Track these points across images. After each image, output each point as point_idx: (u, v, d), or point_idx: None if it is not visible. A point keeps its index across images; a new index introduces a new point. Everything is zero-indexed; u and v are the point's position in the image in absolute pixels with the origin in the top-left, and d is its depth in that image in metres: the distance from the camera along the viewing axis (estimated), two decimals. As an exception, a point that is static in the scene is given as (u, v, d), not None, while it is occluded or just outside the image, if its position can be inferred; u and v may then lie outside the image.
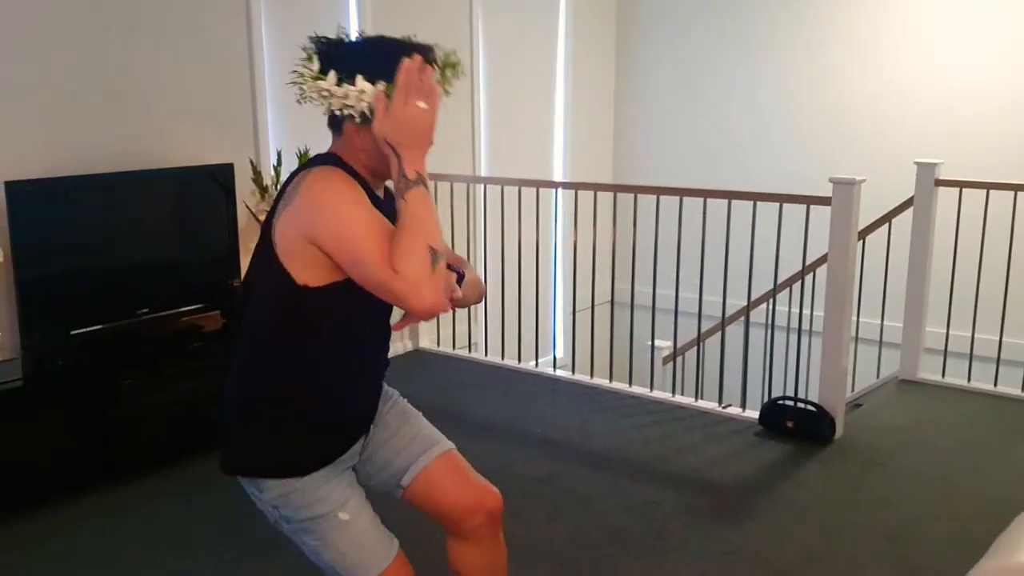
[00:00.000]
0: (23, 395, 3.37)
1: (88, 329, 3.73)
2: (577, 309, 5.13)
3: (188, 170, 4.11)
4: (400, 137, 1.69)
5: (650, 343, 5.05)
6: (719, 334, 4.65)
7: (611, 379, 4.81)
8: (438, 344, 5.49)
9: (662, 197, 4.50)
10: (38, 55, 3.71)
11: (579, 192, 4.90)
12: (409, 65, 1.69)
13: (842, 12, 5.99)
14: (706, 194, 4.35)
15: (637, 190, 4.67)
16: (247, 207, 4.35)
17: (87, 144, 3.88)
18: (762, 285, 4.44)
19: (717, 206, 4.31)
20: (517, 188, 5.02)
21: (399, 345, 5.42)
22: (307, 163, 1.83)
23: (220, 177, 4.18)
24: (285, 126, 4.67)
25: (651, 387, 4.72)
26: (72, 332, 3.65)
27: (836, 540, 3.17)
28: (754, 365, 4.53)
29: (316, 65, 1.79)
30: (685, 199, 4.42)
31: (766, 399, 4.25)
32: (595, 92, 6.86)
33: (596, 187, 4.87)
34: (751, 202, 4.19)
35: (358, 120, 1.75)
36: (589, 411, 4.48)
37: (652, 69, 6.85)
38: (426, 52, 1.81)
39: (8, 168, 3.56)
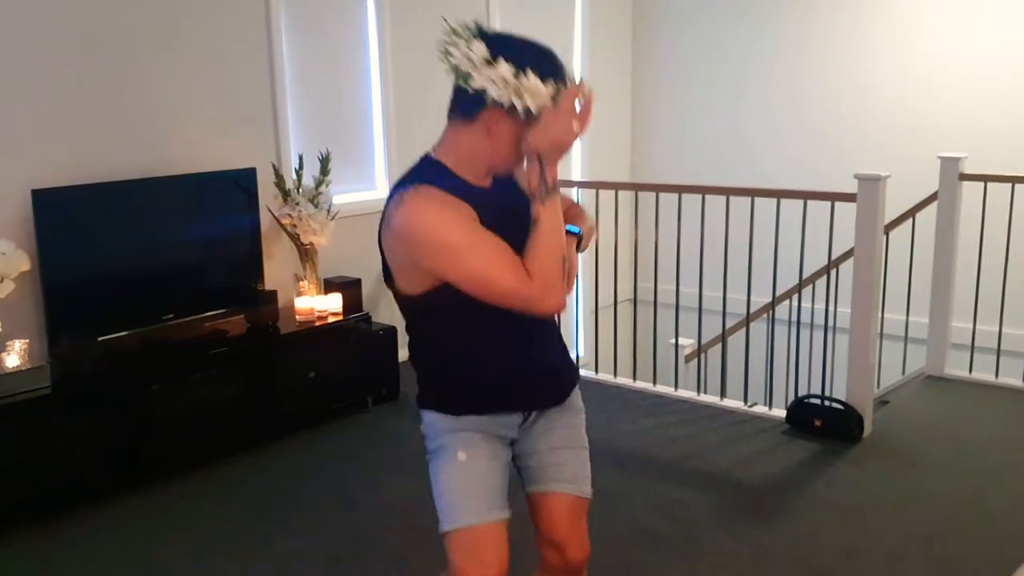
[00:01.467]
0: (51, 402, 3.38)
1: (114, 335, 3.74)
2: (599, 308, 5.11)
3: (211, 175, 4.12)
4: (549, 150, 1.75)
5: (674, 341, 5.03)
6: (743, 331, 4.63)
7: (635, 378, 4.79)
8: (460, 345, 5.47)
9: (684, 195, 4.48)
10: (62, 65, 3.72)
11: (600, 191, 4.87)
12: (578, 91, 1.77)
13: (863, 6, 5.95)
14: (729, 192, 4.33)
15: (659, 188, 4.65)
16: (270, 211, 4.36)
17: (111, 152, 3.89)
18: (786, 282, 4.42)
19: (740, 203, 4.29)
20: (538, 188, 5.00)
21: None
22: (407, 176, 1.85)
23: (243, 182, 4.18)
24: (306, 130, 4.67)
25: (675, 386, 4.70)
26: (99, 338, 3.66)
27: (871, 539, 3.15)
28: (779, 363, 4.51)
29: (482, 48, 1.76)
30: (707, 197, 4.40)
31: (792, 397, 4.23)
32: (612, 91, 6.84)
33: (617, 186, 4.87)
34: (774, 199, 4.17)
35: (521, 116, 1.75)
36: (613, 411, 4.47)
37: (669, 67, 6.82)
38: (569, 76, 1.83)
39: (34, 177, 3.58)
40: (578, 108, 1.76)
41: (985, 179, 4.49)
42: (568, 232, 1.88)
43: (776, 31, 6.31)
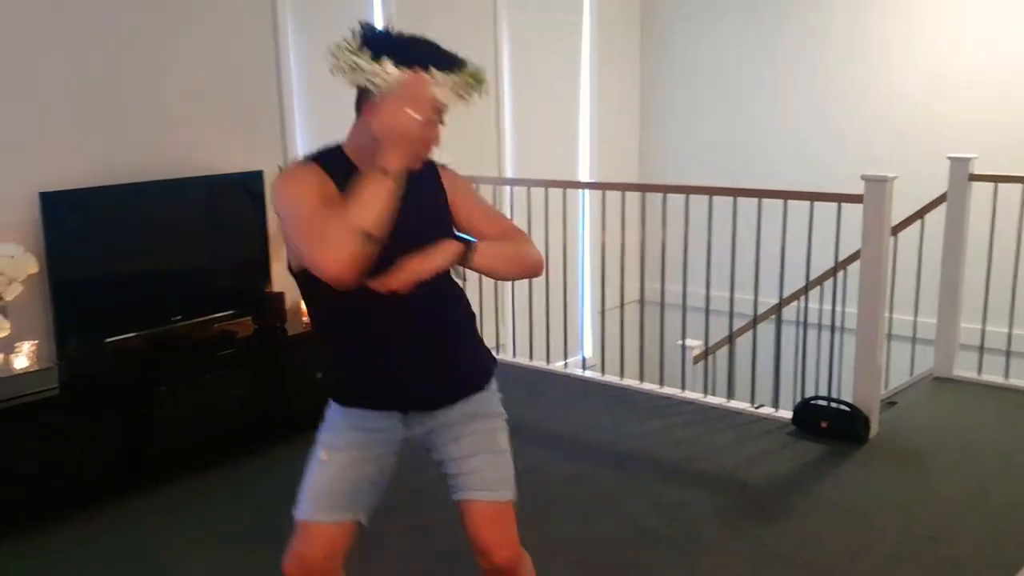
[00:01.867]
0: (59, 402, 3.41)
1: (122, 336, 3.77)
2: (606, 308, 5.12)
3: (218, 178, 4.15)
4: (385, 134, 1.79)
5: (680, 343, 5.02)
6: (751, 333, 4.62)
7: (641, 379, 4.79)
8: (468, 346, 5.48)
9: (691, 196, 4.48)
10: (69, 68, 3.76)
11: (606, 192, 4.88)
12: (412, 79, 1.83)
13: (872, 7, 5.93)
14: (736, 193, 4.32)
15: (666, 189, 4.65)
16: (277, 214, 4.37)
17: (119, 154, 3.92)
18: (794, 283, 4.41)
19: (747, 204, 4.29)
20: (544, 189, 5.01)
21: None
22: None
23: (250, 185, 4.21)
24: (313, 132, 4.69)
25: (682, 387, 4.70)
26: (107, 340, 3.69)
27: (874, 540, 3.14)
28: (786, 364, 4.50)
29: (355, 42, 1.92)
30: (715, 198, 4.40)
31: (799, 398, 4.22)
32: (620, 91, 6.84)
33: (624, 187, 4.86)
34: (781, 200, 4.16)
35: (377, 99, 1.87)
36: (619, 412, 4.47)
37: (678, 67, 6.81)
38: (455, 61, 1.93)
39: (42, 179, 3.61)
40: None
41: (995, 180, 4.46)
42: (461, 239, 1.96)
43: (784, 32, 6.30)
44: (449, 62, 1.91)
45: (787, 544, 3.13)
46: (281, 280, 4.40)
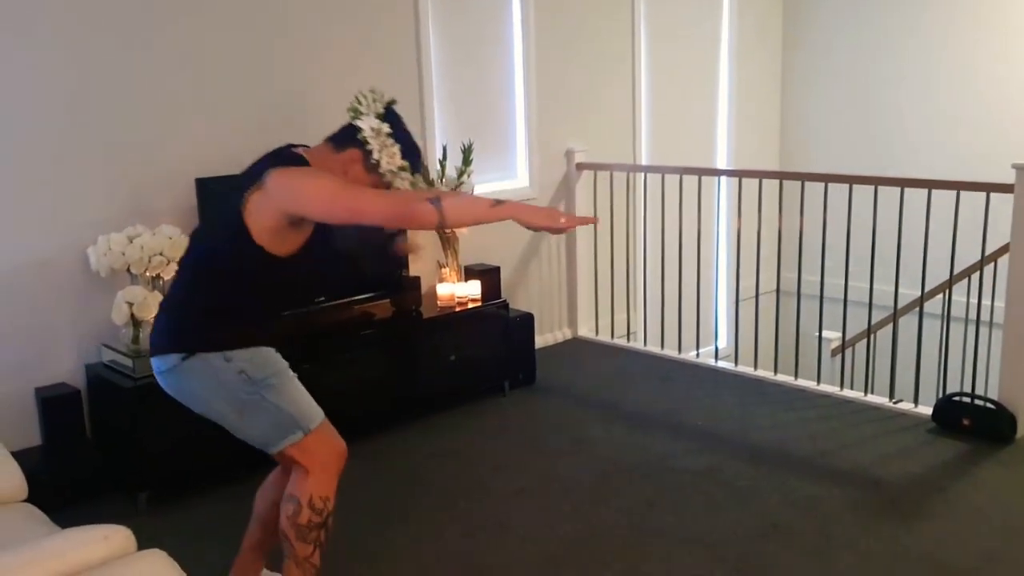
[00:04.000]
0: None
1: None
2: (741, 298, 5.04)
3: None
4: (533, 220, 2.57)
5: (817, 334, 4.91)
6: (891, 325, 4.47)
7: (776, 371, 4.71)
8: (596, 332, 5.52)
9: (831, 184, 4.37)
10: (228, 61, 3.97)
11: (743, 180, 4.80)
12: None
13: (1032, -17, 5.61)
14: (877, 181, 4.19)
15: (804, 177, 4.55)
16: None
17: (269, 142, 4.10)
18: (937, 275, 4.24)
19: (889, 194, 4.15)
20: (678, 176, 4.97)
21: (558, 333, 5.49)
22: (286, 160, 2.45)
23: (389, 171, 4.34)
24: (450, 121, 4.80)
25: (818, 380, 4.59)
26: (255, 319, 3.89)
27: (1017, 545, 3.01)
28: (928, 359, 4.33)
29: (380, 109, 2.55)
30: (855, 186, 4.27)
31: (941, 395, 4.07)
32: (761, 76, 6.69)
33: (761, 174, 4.78)
34: (925, 190, 4.01)
35: (372, 165, 2.46)
36: (752, 403, 4.41)
37: (821, 52, 6.62)
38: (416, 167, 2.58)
39: (199, 166, 3.83)
40: None
41: None
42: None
43: (931, 13, 6.03)
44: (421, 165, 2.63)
45: (924, 544, 3.04)
46: (417, 265, 4.54)
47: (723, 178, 5.30)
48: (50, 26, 3.50)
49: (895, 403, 4.22)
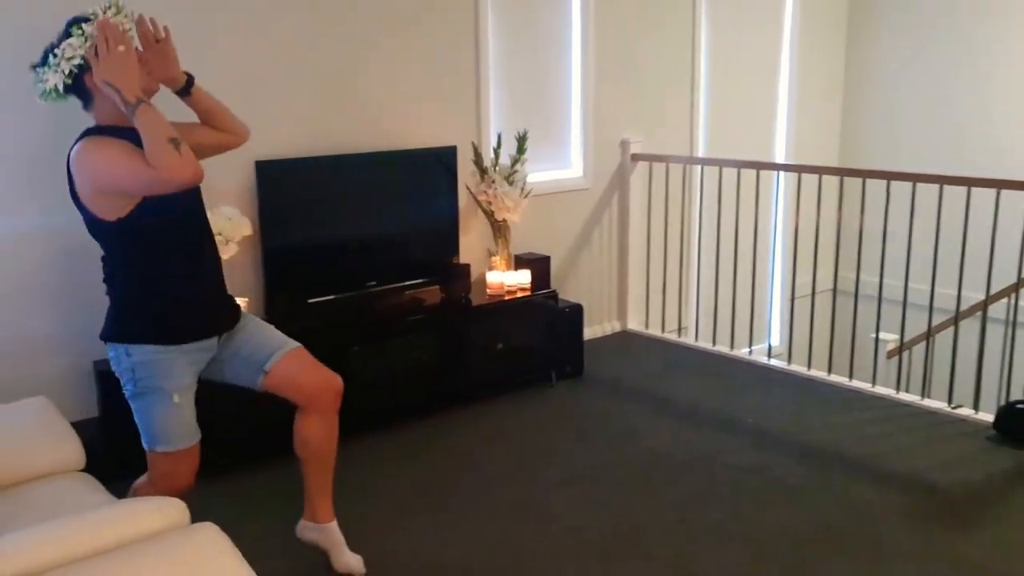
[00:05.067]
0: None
1: (323, 298, 3.99)
2: (796, 296, 4.97)
3: (417, 152, 4.30)
4: (114, 75, 2.25)
5: (874, 335, 4.81)
6: (951, 329, 4.37)
7: (830, 371, 4.63)
8: (646, 326, 5.47)
9: (893, 182, 4.27)
10: (288, 48, 3.99)
11: (802, 175, 4.72)
12: (100, 22, 2.28)
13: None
14: (942, 180, 4.08)
15: (866, 174, 4.46)
16: (468, 188, 4.50)
17: (328, 128, 4.13)
18: (1003, 278, 4.13)
19: (954, 193, 4.05)
20: (736, 170, 4.90)
21: (607, 326, 5.45)
22: (74, 144, 2.37)
23: (445, 159, 4.34)
24: (506, 109, 4.78)
25: (873, 382, 4.50)
26: (309, 300, 3.92)
27: (1078, 559, 2.93)
28: (990, 364, 4.22)
29: (40, 60, 2.40)
30: (919, 184, 4.17)
31: (1002, 402, 3.96)
32: (824, 69, 6.58)
33: (821, 170, 4.69)
34: (994, 190, 3.90)
35: (89, 69, 2.29)
36: (804, 403, 4.35)
37: (887, 45, 6.48)
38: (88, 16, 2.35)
39: (259, 149, 3.85)
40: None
41: None
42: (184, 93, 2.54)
43: (999, 12, 5.86)
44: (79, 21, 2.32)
45: (981, 554, 2.96)
46: (468, 252, 4.54)
47: (782, 173, 5.22)
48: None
49: (954, 408, 4.12)
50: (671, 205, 5.31)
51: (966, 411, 4.09)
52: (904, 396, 4.35)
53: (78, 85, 2.36)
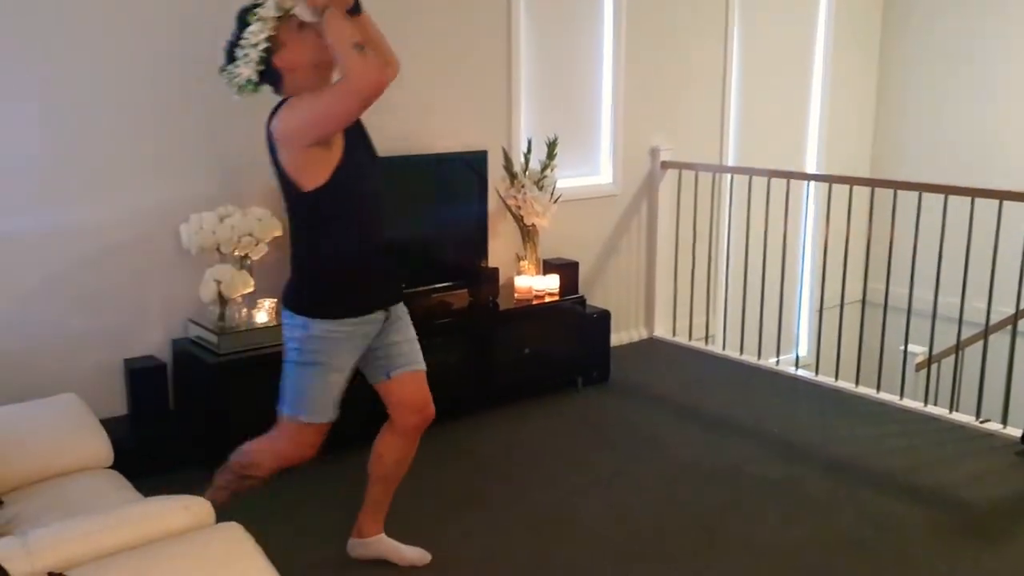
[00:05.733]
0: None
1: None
2: (824, 307, 4.93)
3: (448, 156, 4.32)
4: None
5: (903, 348, 4.77)
6: (980, 343, 4.32)
7: (857, 383, 4.60)
8: (673, 334, 5.46)
9: (924, 194, 4.24)
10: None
11: (833, 185, 4.69)
12: None
13: None
14: (974, 193, 4.05)
15: (897, 186, 4.42)
16: (498, 193, 4.52)
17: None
18: (1035, 293, 4.08)
19: (986, 206, 4.00)
20: (766, 179, 4.88)
21: (634, 332, 5.44)
22: (270, 115, 2.48)
23: (475, 164, 4.36)
24: (536, 115, 4.79)
25: (901, 395, 4.47)
26: (336, 303, 3.94)
27: (1107, 579, 2.89)
28: (1019, 379, 4.17)
29: (235, 34, 2.47)
30: (950, 197, 4.14)
31: (1032, 417, 3.92)
32: (856, 80, 6.53)
33: (852, 180, 4.65)
34: (1025, 203, 3.86)
35: (275, 50, 2.42)
36: (831, 414, 4.32)
37: (920, 56, 6.42)
38: None
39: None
40: None
41: None
42: (351, 13, 2.43)
43: (1046, 20, 5.80)
44: None
45: (1008, 571, 2.93)
46: (497, 256, 4.55)
47: (812, 183, 5.19)
48: (164, 9, 3.59)
49: (982, 423, 4.08)
50: (700, 213, 5.29)
51: (994, 426, 4.04)
52: (932, 409, 4.31)
53: (268, 70, 2.45)
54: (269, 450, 2.72)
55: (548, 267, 4.60)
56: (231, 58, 2.46)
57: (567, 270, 4.58)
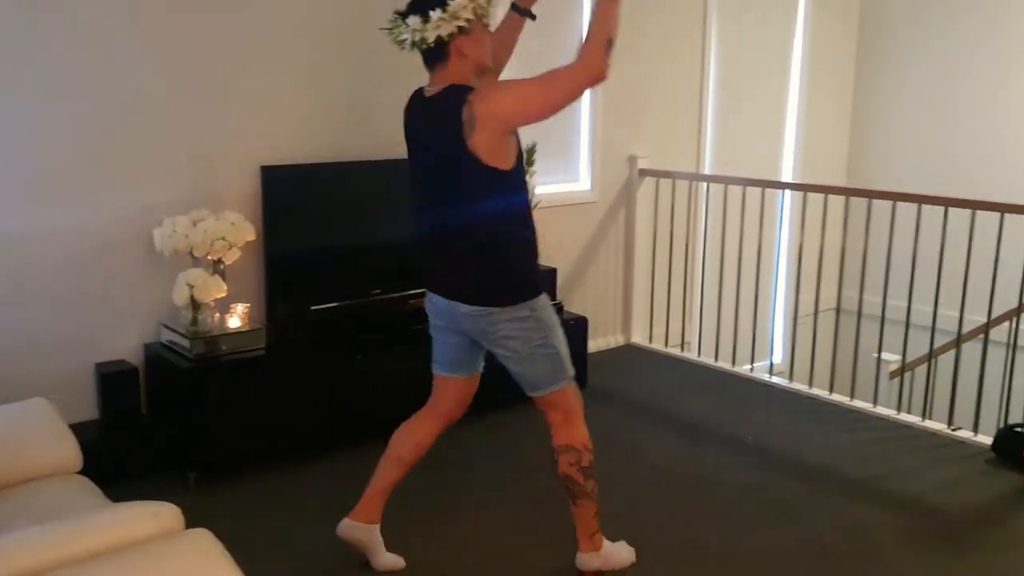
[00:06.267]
0: (265, 362, 3.66)
1: (326, 305, 4.00)
2: (799, 314, 4.96)
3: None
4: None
5: (876, 355, 4.81)
6: (953, 351, 4.36)
7: (831, 390, 4.62)
8: (650, 340, 5.47)
9: (899, 203, 4.27)
10: (294, 53, 4.01)
11: (808, 194, 4.72)
12: None
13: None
14: (947, 202, 4.09)
15: (872, 195, 4.46)
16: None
17: (332, 134, 4.14)
18: (1005, 302, 4.13)
19: (959, 216, 4.04)
20: (742, 188, 4.91)
21: (611, 339, 5.45)
22: (457, 96, 2.53)
23: (451, 168, 4.34)
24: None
25: (874, 402, 4.50)
26: (312, 307, 3.93)
27: (1074, 586, 2.92)
28: (991, 387, 4.22)
29: (416, 20, 2.55)
30: (924, 206, 4.17)
31: (1002, 424, 3.95)
32: (832, 90, 6.58)
33: (827, 189, 4.69)
34: (997, 213, 3.90)
35: (467, 27, 2.54)
36: (805, 421, 4.34)
37: (896, 68, 6.48)
38: None
39: (265, 154, 3.88)
40: None
41: None
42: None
43: (1007, 35, 5.88)
44: None
45: (977, 578, 2.95)
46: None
47: (788, 192, 5.22)
48: (126, 14, 3.56)
49: (954, 430, 4.11)
50: (677, 221, 5.31)
51: (966, 433, 4.08)
52: (905, 417, 4.34)
53: (443, 45, 2.55)
54: (574, 428, 2.84)
55: (525, 273, 4.58)
56: (424, 14, 2.52)
57: (545, 276, 4.57)
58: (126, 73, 3.59)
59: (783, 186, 5.36)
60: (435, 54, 2.58)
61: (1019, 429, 3.80)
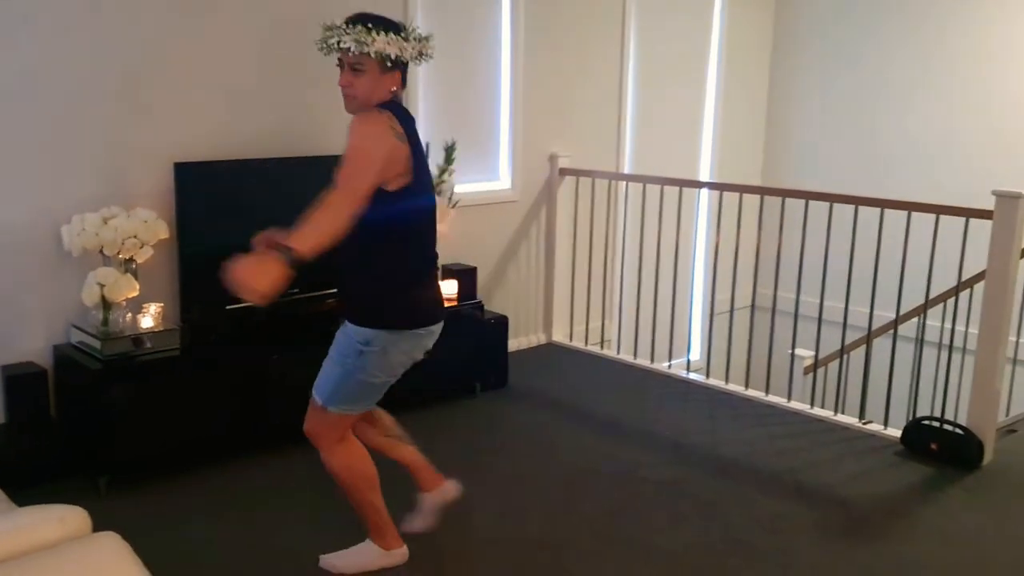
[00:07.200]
0: (179, 363, 3.58)
1: (241, 306, 3.90)
2: (715, 312, 5.05)
3: (339, 158, 4.24)
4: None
5: (790, 351, 4.92)
6: (864, 347, 4.49)
7: (747, 386, 4.72)
8: (571, 339, 5.51)
9: (811, 202, 4.38)
10: (208, 47, 3.93)
11: (724, 193, 4.81)
12: None
13: (1011, 17, 5.66)
14: (857, 201, 4.21)
15: (785, 194, 4.56)
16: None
17: (248, 130, 4.08)
18: (913, 298, 4.26)
19: (869, 214, 4.17)
20: (660, 187, 4.98)
21: (532, 338, 5.47)
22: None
23: (371, 165, 4.30)
24: (434, 120, 4.76)
25: (788, 397, 4.60)
26: (227, 307, 3.84)
27: (978, 570, 3.02)
28: (900, 381, 4.35)
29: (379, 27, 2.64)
30: (835, 205, 4.29)
31: (910, 418, 4.09)
32: (748, 90, 6.72)
33: (742, 188, 4.78)
34: (905, 212, 4.03)
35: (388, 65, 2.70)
36: (721, 417, 4.42)
37: (810, 68, 6.65)
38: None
39: (178, 150, 3.79)
40: None
41: None
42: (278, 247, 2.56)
43: (923, 39, 6.08)
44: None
45: (887, 567, 3.04)
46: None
47: (705, 191, 5.31)
48: (34, 9, 3.45)
49: (864, 424, 4.23)
50: (596, 219, 5.36)
51: (876, 427, 4.20)
52: (818, 411, 4.45)
53: (403, 66, 2.72)
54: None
55: (446, 272, 4.57)
56: (397, 30, 2.63)
57: (465, 276, 4.57)
58: (33, 68, 3.47)
59: (700, 185, 5.45)
60: (383, 71, 2.70)
61: (927, 422, 3.93)
